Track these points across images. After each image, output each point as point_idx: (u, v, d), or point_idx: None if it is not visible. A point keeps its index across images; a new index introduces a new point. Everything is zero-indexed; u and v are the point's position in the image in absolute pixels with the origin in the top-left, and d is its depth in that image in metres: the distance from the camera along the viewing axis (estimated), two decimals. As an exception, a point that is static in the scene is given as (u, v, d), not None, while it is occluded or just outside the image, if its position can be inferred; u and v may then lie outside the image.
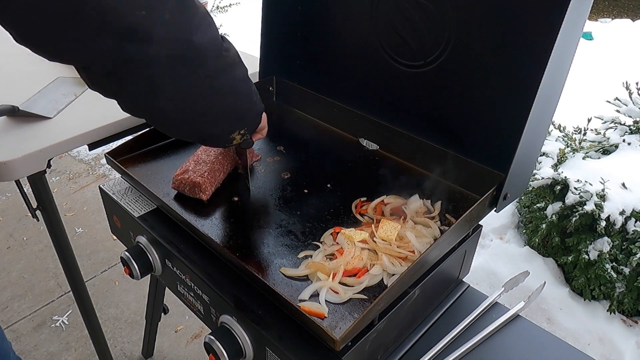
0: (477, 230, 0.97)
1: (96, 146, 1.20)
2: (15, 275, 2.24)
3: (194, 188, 0.96)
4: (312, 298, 0.78)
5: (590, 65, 4.10)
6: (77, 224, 2.57)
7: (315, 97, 1.26)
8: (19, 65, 1.45)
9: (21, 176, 1.10)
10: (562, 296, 2.08)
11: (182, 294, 0.95)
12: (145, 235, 0.97)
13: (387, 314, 0.77)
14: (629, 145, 2.18)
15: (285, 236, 0.91)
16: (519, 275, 1.03)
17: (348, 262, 0.83)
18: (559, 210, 2.05)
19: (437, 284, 0.93)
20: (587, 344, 1.93)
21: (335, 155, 1.16)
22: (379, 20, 1.08)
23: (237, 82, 0.78)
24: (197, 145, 1.10)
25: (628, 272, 1.91)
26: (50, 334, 1.97)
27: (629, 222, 1.92)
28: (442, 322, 0.95)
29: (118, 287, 2.20)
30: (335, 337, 0.66)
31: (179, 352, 1.92)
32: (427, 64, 1.03)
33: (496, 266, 2.21)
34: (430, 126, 1.06)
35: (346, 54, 1.20)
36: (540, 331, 0.95)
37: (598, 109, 2.40)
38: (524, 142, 0.84)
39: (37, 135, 1.13)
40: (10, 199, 2.75)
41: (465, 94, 0.99)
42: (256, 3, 1.21)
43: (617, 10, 7.38)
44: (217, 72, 0.73)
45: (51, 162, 1.13)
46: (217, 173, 1.00)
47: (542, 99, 0.81)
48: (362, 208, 0.98)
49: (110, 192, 1.06)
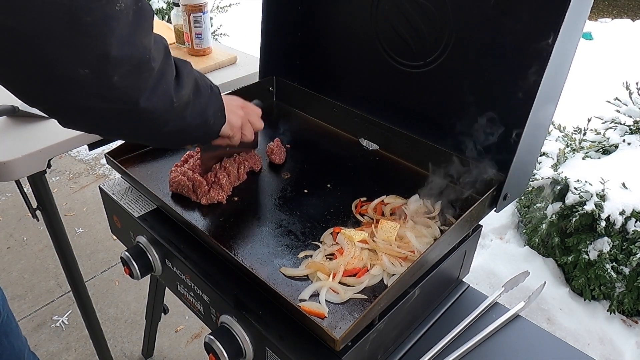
0: (477, 230, 0.97)
1: (96, 146, 1.20)
2: (15, 275, 2.24)
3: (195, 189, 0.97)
4: (312, 298, 0.78)
5: (590, 65, 4.10)
6: (77, 224, 2.57)
7: (315, 97, 1.26)
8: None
9: (21, 176, 1.10)
10: (562, 296, 2.08)
11: (182, 294, 0.95)
12: (145, 235, 0.97)
13: (387, 314, 0.77)
14: (629, 145, 2.18)
15: (285, 236, 0.91)
16: (519, 275, 1.04)
17: (348, 262, 0.83)
18: (559, 210, 2.05)
19: (437, 284, 0.94)
20: (587, 344, 1.93)
21: (335, 155, 1.16)
22: (379, 20, 1.08)
23: (188, 122, 0.77)
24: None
25: (628, 272, 1.92)
26: (50, 334, 1.97)
27: (629, 222, 1.92)
28: (442, 322, 0.95)
29: (118, 287, 2.20)
30: (335, 337, 0.66)
31: (179, 352, 1.92)
32: (427, 64, 1.03)
33: (496, 266, 2.21)
34: (431, 126, 1.06)
35: (346, 53, 1.20)
36: (540, 331, 0.95)
37: (598, 109, 2.40)
38: (524, 142, 0.84)
39: (37, 135, 1.13)
40: (10, 199, 2.75)
41: (465, 94, 0.99)
42: (256, 3, 1.21)
43: (617, 10, 7.38)
44: (165, 122, 0.72)
45: (51, 162, 1.13)
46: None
47: (542, 99, 0.81)
48: (362, 208, 0.98)
49: (110, 192, 1.06)
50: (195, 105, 0.77)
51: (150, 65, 0.64)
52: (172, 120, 0.73)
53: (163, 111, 0.70)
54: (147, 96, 0.65)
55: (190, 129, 0.79)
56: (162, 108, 0.69)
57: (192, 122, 0.78)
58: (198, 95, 0.78)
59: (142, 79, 0.64)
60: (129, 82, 0.62)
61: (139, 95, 0.64)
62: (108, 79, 0.60)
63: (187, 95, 0.74)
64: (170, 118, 0.72)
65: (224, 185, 0.99)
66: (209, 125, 0.84)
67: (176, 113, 0.73)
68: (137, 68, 0.62)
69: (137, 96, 0.64)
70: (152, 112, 0.68)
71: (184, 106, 0.74)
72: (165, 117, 0.71)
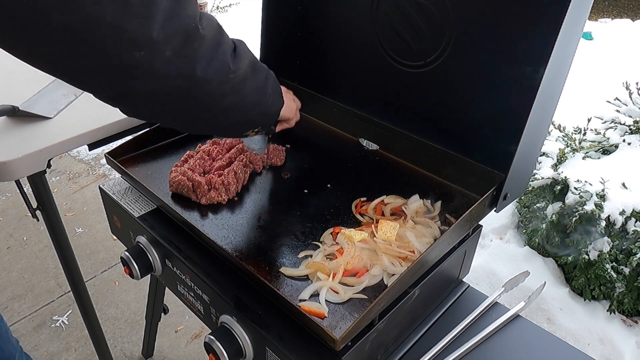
0: (477, 230, 0.97)
1: (96, 146, 1.20)
2: (15, 275, 2.24)
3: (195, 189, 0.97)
4: (312, 298, 0.78)
5: (590, 65, 4.10)
6: (77, 224, 2.57)
7: (315, 97, 1.26)
8: (19, 65, 1.44)
9: (21, 176, 1.10)
10: (562, 296, 2.08)
11: (182, 294, 0.95)
12: (145, 235, 0.97)
13: (387, 313, 0.77)
14: (629, 145, 2.18)
15: (285, 236, 0.91)
16: (519, 275, 1.03)
17: (348, 262, 0.83)
18: (559, 210, 2.05)
19: (437, 284, 0.94)
20: (587, 344, 1.93)
21: (335, 155, 1.16)
22: (379, 20, 1.07)
23: (246, 97, 0.78)
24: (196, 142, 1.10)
25: (628, 272, 1.91)
26: (50, 334, 1.97)
27: (629, 222, 1.92)
28: (442, 322, 0.95)
29: (118, 287, 2.20)
30: (335, 337, 0.66)
31: (179, 352, 1.92)
32: (427, 64, 1.03)
33: (496, 266, 2.21)
34: (430, 126, 1.06)
35: (346, 54, 1.20)
36: (540, 331, 0.95)
37: (598, 109, 2.40)
38: (524, 142, 0.84)
39: (37, 135, 1.13)
40: (10, 199, 2.75)
41: (465, 94, 0.99)
42: (256, 3, 1.21)
43: (617, 10, 7.38)
44: (223, 95, 0.73)
45: (51, 162, 1.13)
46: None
47: (542, 99, 0.81)
48: (362, 208, 0.98)
49: (110, 192, 1.06)
50: (253, 81, 0.78)
51: (199, 34, 0.65)
52: (230, 93, 0.74)
53: (219, 82, 0.71)
54: (203, 66, 0.67)
55: (249, 106, 0.79)
56: (218, 79, 0.70)
57: (250, 98, 0.79)
58: (255, 72, 0.79)
59: (193, 48, 0.65)
60: (183, 54, 0.64)
61: (195, 65, 0.66)
62: (162, 56, 0.62)
63: (244, 69, 0.75)
64: (227, 90, 0.73)
65: (230, 190, 0.99)
66: (266, 104, 0.84)
67: (233, 86, 0.73)
68: (186, 39, 0.64)
69: (193, 67, 0.66)
70: (209, 82, 0.69)
71: (241, 79, 0.75)
72: (223, 89, 0.72)
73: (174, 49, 0.62)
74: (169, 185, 0.99)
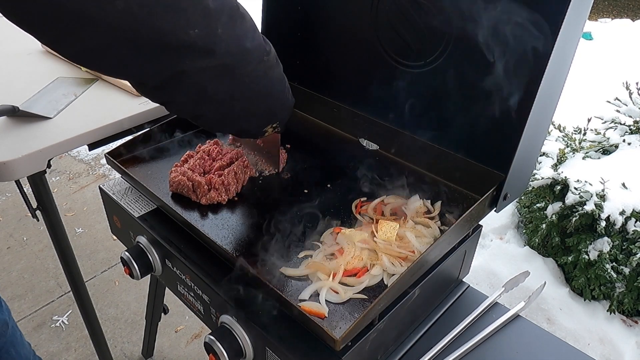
0: (477, 230, 0.97)
1: (96, 146, 1.20)
2: (15, 275, 2.25)
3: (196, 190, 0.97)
4: (312, 298, 0.78)
5: (590, 65, 4.10)
6: (77, 224, 2.57)
7: (316, 97, 1.26)
8: (19, 65, 1.45)
9: (21, 176, 1.10)
10: (562, 296, 2.08)
11: (182, 294, 0.95)
12: (145, 235, 0.97)
13: (387, 314, 0.77)
14: (629, 145, 2.18)
15: (285, 236, 0.91)
16: (519, 275, 1.03)
17: (348, 262, 0.83)
18: (559, 210, 2.05)
19: (437, 284, 0.93)
20: (587, 344, 1.93)
21: (335, 155, 1.16)
22: (378, 20, 1.07)
23: (274, 83, 0.82)
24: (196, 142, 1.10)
25: (628, 272, 1.92)
26: (50, 334, 1.97)
27: (629, 222, 1.92)
28: (442, 322, 0.95)
29: (118, 287, 2.20)
30: (335, 337, 0.66)
31: (179, 352, 1.92)
32: (427, 64, 1.03)
33: (496, 266, 2.21)
34: (430, 126, 1.06)
35: (346, 53, 1.20)
36: (540, 331, 0.95)
37: (598, 109, 2.40)
38: (524, 142, 0.84)
39: (37, 135, 1.13)
40: (10, 199, 2.75)
41: (465, 94, 0.99)
42: (256, 3, 1.21)
43: (617, 10, 7.38)
44: (257, 77, 0.76)
45: (51, 162, 1.13)
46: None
47: (542, 99, 0.81)
48: (362, 208, 0.98)
49: (110, 192, 1.06)
50: (277, 71, 0.83)
51: (240, 12, 0.70)
52: (263, 77, 0.77)
53: (259, 61, 0.75)
54: (250, 38, 0.71)
55: (275, 94, 0.83)
56: (258, 57, 0.75)
57: (276, 87, 0.83)
58: (277, 63, 0.83)
59: (237, 25, 0.69)
60: (231, 31, 0.68)
61: (244, 40, 0.70)
62: (214, 32, 0.65)
63: (272, 54, 0.80)
64: (261, 73, 0.77)
65: (230, 191, 0.99)
66: (286, 97, 0.89)
67: (265, 70, 0.77)
68: (231, 16, 0.68)
69: (243, 42, 0.70)
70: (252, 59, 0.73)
71: (270, 65, 0.79)
72: (259, 71, 0.76)
73: (224, 25, 0.66)
74: (169, 185, 0.99)
